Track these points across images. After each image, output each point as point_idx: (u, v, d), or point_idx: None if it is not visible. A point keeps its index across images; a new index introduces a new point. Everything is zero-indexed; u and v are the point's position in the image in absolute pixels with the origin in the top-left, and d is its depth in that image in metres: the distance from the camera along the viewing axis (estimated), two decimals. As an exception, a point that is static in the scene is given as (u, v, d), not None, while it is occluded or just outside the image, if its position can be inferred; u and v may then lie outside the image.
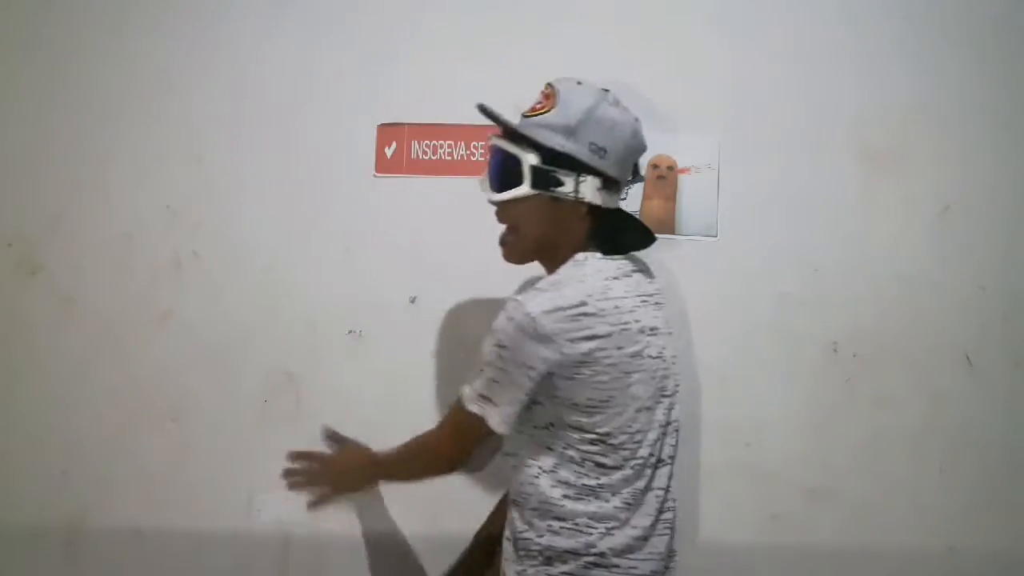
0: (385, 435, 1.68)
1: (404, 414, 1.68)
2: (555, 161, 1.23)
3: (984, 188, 1.66)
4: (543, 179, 1.24)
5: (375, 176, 1.71)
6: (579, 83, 1.26)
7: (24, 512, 1.71)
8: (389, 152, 1.70)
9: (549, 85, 1.26)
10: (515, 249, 1.31)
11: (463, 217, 1.67)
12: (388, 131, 1.71)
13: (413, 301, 1.69)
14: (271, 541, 1.69)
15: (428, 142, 1.70)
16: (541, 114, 1.24)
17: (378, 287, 1.69)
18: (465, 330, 1.67)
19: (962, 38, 1.67)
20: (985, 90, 1.66)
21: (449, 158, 1.69)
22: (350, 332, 1.70)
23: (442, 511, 1.68)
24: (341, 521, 1.69)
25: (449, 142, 1.69)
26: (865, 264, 1.66)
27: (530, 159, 1.23)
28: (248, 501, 1.70)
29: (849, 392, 1.65)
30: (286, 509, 1.69)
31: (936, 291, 1.65)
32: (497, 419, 1.22)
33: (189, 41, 1.72)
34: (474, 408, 1.23)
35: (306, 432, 1.69)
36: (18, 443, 1.71)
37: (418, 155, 1.70)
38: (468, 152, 1.69)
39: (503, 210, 1.29)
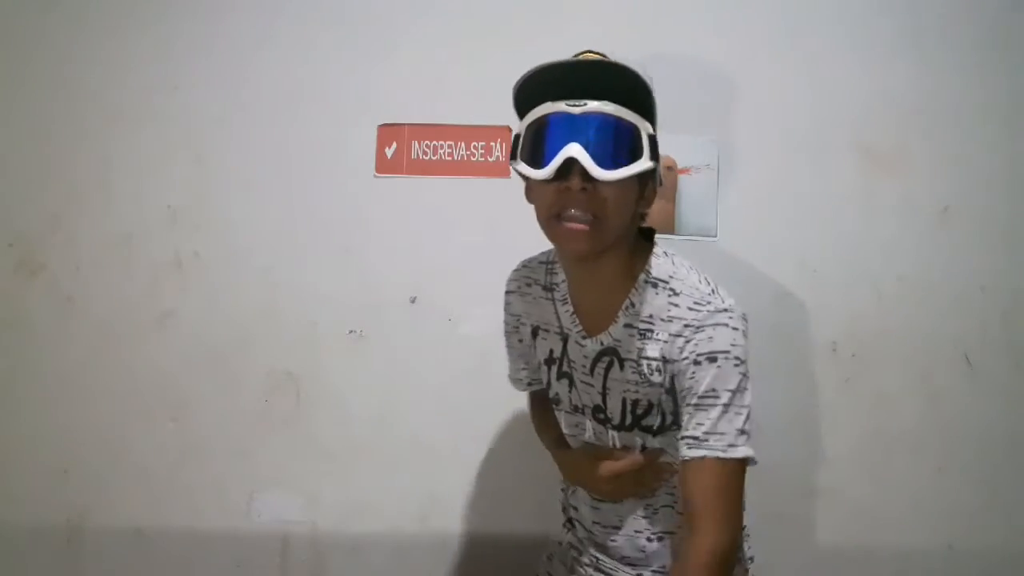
0: (385, 435, 1.69)
1: (404, 414, 1.69)
2: (651, 136, 1.06)
3: (983, 189, 1.66)
4: (655, 153, 1.05)
5: (375, 176, 1.71)
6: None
7: (24, 512, 1.71)
8: (389, 152, 1.71)
9: (592, 51, 1.08)
10: (600, 239, 1.06)
11: (463, 217, 1.68)
12: (388, 131, 1.71)
13: (413, 301, 1.70)
14: (271, 541, 1.70)
15: (428, 142, 1.70)
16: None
17: (378, 287, 1.69)
18: (465, 330, 1.67)
19: (962, 39, 1.67)
20: (985, 91, 1.66)
21: (449, 158, 1.70)
22: (350, 332, 1.70)
23: (441, 511, 1.69)
24: (340, 521, 1.69)
25: (449, 142, 1.69)
26: (865, 264, 1.66)
27: (648, 128, 1.04)
28: (248, 501, 1.70)
29: (848, 392, 1.65)
30: (286, 509, 1.69)
31: (936, 291, 1.65)
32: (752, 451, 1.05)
33: (189, 41, 1.72)
34: (745, 451, 1.04)
35: (306, 432, 1.69)
36: (18, 442, 1.71)
37: (418, 155, 1.70)
38: (468, 152, 1.69)
39: (601, 192, 1.04)
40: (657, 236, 1.67)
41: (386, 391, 1.69)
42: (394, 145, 1.71)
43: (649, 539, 1.22)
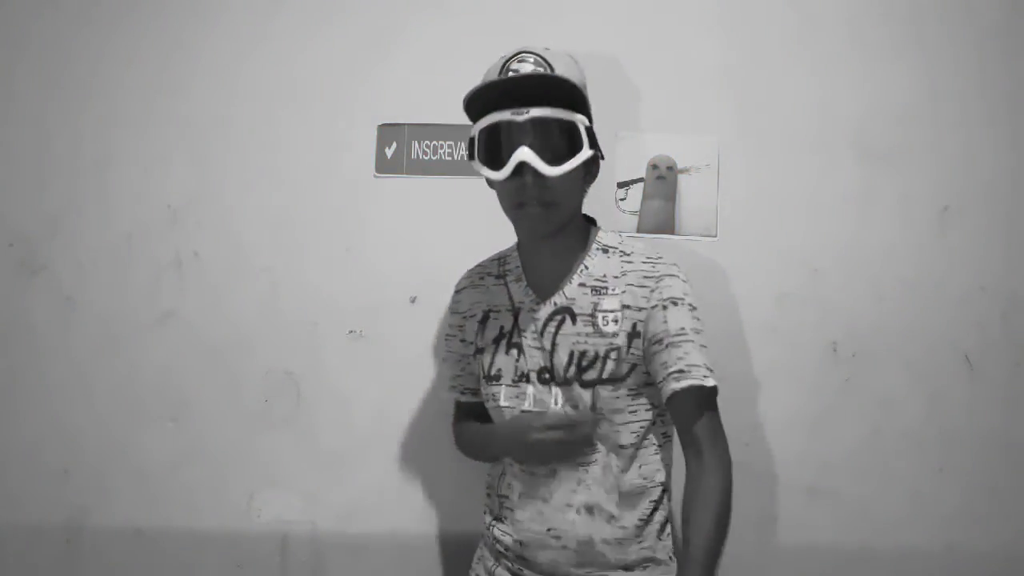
0: (385, 435, 1.69)
1: (404, 414, 1.69)
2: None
3: (983, 188, 1.66)
4: (593, 140, 1.24)
5: (375, 176, 1.71)
6: (547, 48, 1.27)
7: (24, 512, 1.71)
8: (389, 152, 1.71)
9: (527, 52, 1.25)
10: (557, 220, 1.26)
11: (463, 217, 1.68)
12: (388, 131, 1.71)
13: (413, 301, 1.70)
14: (271, 541, 1.70)
15: (428, 142, 1.70)
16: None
17: (378, 287, 1.70)
18: (465, 330, 1.67)
19: (962, 38, 1.67)
20: (984, 91, 1.66)
21: (449, 158, 1.70)
22: (350, 332, 1.70)
23: (441, 510, 1.69)
24: (340, 521, 1.69)
25: (449, 142, 1.69)
26: (864, 264, 1.66)
27: (583, 120, 1.22)
28: (248, 501, 1.70)
29: (848, 392, 1.65)
30: (286, 509, 1.69)
31: (936, 291, 1.65)
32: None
33: (188, 41, 1.73)
34: (713, 381, 1.22)
35: (306, 432, 1.69)
36: (18, 443, 1.71)
37: (418, 155, 1.70)
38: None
39: (552, 182, 1.21)
40: (658, 236, 1.70)
41: (386, 391, 1.69)
42: (394, 145, 1.71)
43: (578, 511, 1.27)
